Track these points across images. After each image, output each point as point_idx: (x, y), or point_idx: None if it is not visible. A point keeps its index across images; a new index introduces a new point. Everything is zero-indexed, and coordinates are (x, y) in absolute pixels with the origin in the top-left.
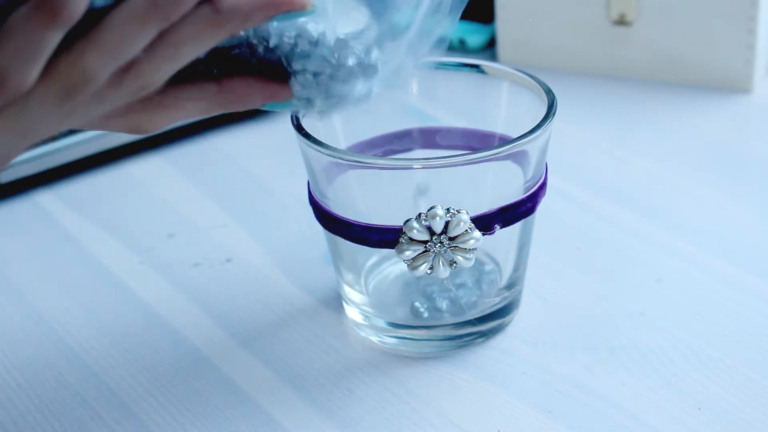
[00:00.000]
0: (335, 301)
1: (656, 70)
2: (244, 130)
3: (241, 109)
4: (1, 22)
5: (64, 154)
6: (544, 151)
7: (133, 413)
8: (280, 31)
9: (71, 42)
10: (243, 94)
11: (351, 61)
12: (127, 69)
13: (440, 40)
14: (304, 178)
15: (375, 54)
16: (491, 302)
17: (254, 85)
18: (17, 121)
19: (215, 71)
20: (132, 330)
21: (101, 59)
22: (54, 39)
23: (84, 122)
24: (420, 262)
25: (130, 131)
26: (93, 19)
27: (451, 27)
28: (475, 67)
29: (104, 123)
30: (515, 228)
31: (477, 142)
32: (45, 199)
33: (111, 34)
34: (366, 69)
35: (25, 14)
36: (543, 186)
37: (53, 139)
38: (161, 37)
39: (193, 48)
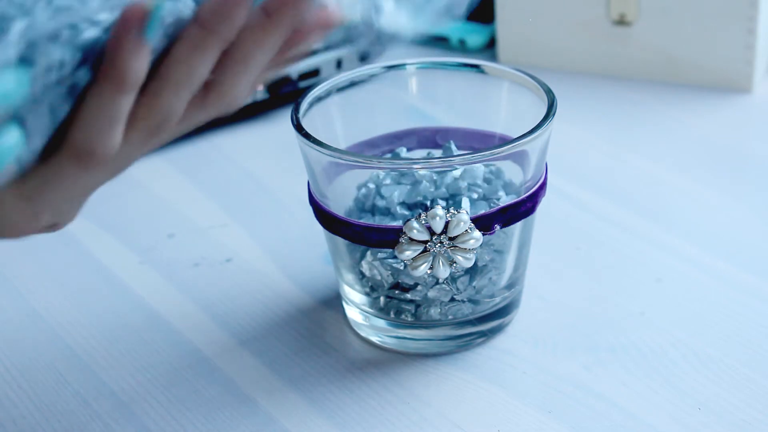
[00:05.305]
0: (335, 301)
1: (656, 70)
2: (244, 130)
3: (305, 52)
4: (78, 98)
5: None
6: (544, 151)
7: (133, 413)
8: None
9: (144, 85)
10: (300, 35)
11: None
12: (207, 91)
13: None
14: (304, 178)
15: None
16: (491, 301)
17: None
18: (112, 165)
19: None
20: (132, 330)
21: (177, 94)
22: (127, 102)
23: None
24: (420, 262)
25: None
26: (157, 61)
27: None
28: (475, 67)
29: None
30: (515, 228)
31: (477, 142)
32: None
33: (178, 69)
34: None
35: (96, 88)
36: (543, 186)
37: None
38: (227, 55)
39: (261, 56)
